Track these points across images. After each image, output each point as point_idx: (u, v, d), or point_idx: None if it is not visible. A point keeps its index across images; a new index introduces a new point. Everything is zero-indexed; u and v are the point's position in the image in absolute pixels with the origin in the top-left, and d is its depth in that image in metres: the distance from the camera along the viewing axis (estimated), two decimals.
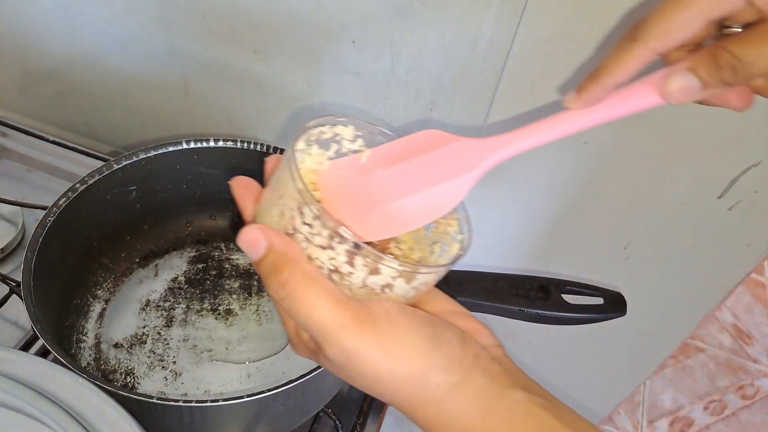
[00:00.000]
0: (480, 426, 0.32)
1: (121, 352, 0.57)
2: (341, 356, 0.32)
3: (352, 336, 0.31)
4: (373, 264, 0.32)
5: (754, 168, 0.50)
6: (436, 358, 0.32)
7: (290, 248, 0.33)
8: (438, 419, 0.33)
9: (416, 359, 0.32)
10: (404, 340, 0.32)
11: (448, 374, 0.32)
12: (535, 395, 0.33)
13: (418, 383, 0.32)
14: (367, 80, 0.58)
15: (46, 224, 0.51)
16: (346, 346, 0.31)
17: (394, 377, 0.32)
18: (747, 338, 1.65)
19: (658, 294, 0.63)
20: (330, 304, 0.31)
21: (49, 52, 0.71)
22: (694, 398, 1.52)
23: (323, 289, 0.32)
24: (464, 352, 0.33)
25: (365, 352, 0.31)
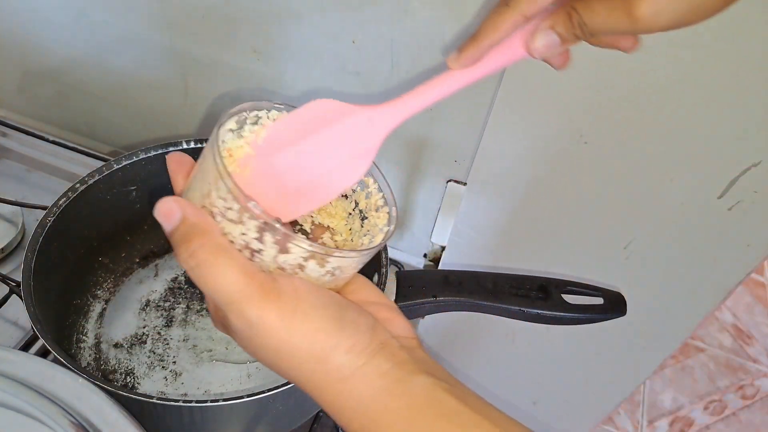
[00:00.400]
0: (380, 408, 0.32)
1: (121, 352, 0.57)
2: (245, 326, 0.32)
3: (255, 306, 0.32)
4: (282, 242, 0.33)
5: (754, 168, 0.50)
6: (340, 339, 0.33)
7: (203, 220, 0.33)
8: (339, 401, 0.33)
9: (319, 337, 0.32)
10: (308, 315, 0.32)
11: (351, 356, 0.33)
12: (441, 381, 0.33)
13: (320, 362, 0.32)
14: (367, 80, 0.58)
15: (46, 224, 0.51)
16: (248, 315, 0.32)
17: (294, 352, 0.32)
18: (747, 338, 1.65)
19: (658, 294, 0.64)
20: (236, 275, 0.32)
21: (49, 52, 0.71)
22: (694, 398, 1.52)
23: (232, 260, 0.32)
24: (371, 338, 0.34)
25: (267, 322, 0.32)
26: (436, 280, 0.55)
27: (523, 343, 0.77)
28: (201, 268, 0.32)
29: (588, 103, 0.51)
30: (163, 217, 0.34)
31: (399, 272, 0.56)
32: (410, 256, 0.72)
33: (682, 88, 0.48)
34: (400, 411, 0.32)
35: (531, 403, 0.86)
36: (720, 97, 0.47)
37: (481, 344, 0.81)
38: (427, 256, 0.72)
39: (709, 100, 0.48)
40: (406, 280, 0.55)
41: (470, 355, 0.84)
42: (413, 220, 0.69)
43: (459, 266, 0.71)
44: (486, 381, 0.86)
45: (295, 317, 0.32)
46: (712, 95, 0.48)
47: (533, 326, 0.56)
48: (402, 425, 0.32)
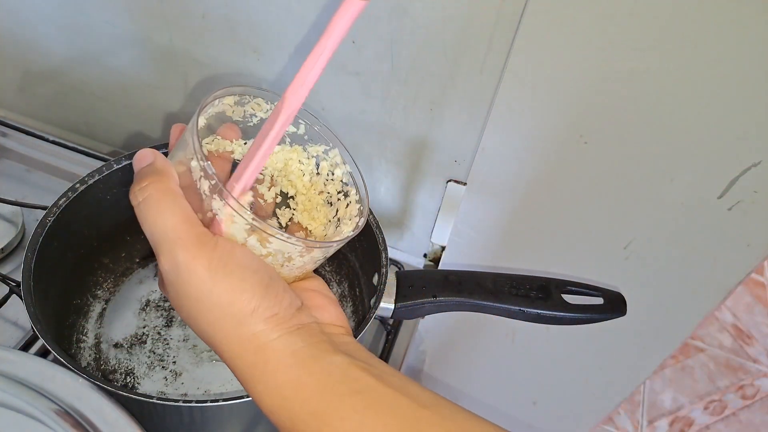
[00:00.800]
0: (292, 385, 0.32)
1: (121, 352, 0.57)
2: (172, 269, 0.33)
3: (187, 250, 0.32)
4: (230, 210, 0.34)
5: (754, 168, 0.50)
6: (261, 305, 0.33)
7: (166, 167, 0.35)
8: (252, 373, 0.33)
9: (242, 296, 0.33)
10: (235, 273, 0.33)
11: (267, 326, 0.33)
12: (359, 360, 0.33)
13: (237, 322, 0.33)
14: (367, 80, 0.58)
15: (46, 224, 0.51)
16: (178, 258, 0.32)
17: (213, 307, 0.33)
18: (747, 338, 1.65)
19: (658, 294, 0.63)
20: (178, 218, 0.33)
21: (49, 52, 0.71)
22: (694, 398, 1.52)
23: (177, 204, 0.34)
24: (291, 316, 0.34)
25: (194, 269, 0.32)
26: (436, 280, 0.55)
27: (523, 343, 0.77)
28: (146, 202, 0.34)
29: (588, 103, 0.51)
30: (136, 161, 0.36)
31: (399, 272, 0.56)
32: (410, 256, 0.72)
33: (682, 88, 0.48)
34: (312, 386, 0.32)
35: (531, 403, 0.86)
36: (720, 97, 0.47)
37: (481, 344, 0.81)
38: (427, 256, 0.72)
39: (709, 100, 0.48)
40: (406, 280, 0.55)
41: (470, 355, 0.84)
42: (413, 220, 0.69)
43: (459, 266, 0.71)
44: (486, 381, 0.86)
45: (222, 271, 0.33)
46: (712, 95, 0.47)
47: (533, 326, 0.56)
48: (314, 402, 0.31)
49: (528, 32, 0.49)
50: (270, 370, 0.32)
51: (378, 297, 0.52)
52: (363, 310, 0.59)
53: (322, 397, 0.31)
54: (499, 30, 0.50)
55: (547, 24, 0.48)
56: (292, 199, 0.45)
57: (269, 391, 0.32)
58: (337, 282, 0.65)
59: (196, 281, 0.32)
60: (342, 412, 0.31)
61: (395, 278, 0.55)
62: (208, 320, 0.33)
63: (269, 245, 0.35)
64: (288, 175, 0.45)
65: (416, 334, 0.79)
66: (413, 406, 0.31)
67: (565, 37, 0.48)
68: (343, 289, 0.65)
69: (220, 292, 0.32)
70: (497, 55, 0.51)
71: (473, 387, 0.87)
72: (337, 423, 0.31)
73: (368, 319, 0.49)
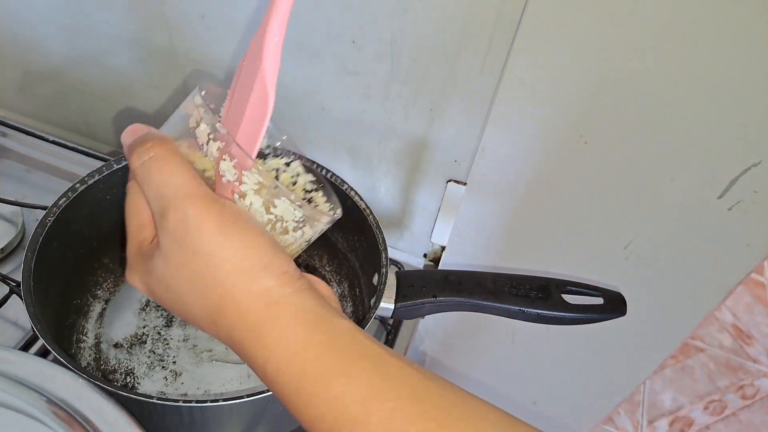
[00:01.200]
0: (303, 341, 0.31)
1: (121, 352, 0.57)
2: (181, 225, 0.32)
3: (197, 206, 0.32)
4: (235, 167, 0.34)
5: (754, 168, 0.50)
6: (274, 261, 0.33)
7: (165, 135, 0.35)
8: (262, 329, 0.32)
9: (254, 251, 0.32)
10: (246, 231, 0.33)
11: (279, 281, 0.32)
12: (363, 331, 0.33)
13: (249, 277, 0.32)
14: (367, 80, 0.58)
15: (46, 224, 0.51)
16: (188, 213, 0.32)
17: (223, 263, 0.32)
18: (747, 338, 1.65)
19: (658, 294, 0.63)
20: (187, 173, 0.33)
21: (49, 52, 0.71)
22: (694, 398, 1.52)
23: (184, 164, 0.33)
24: (299, 276, 0.34)
25: (205, 223, 0.32)
26: (436, 280, 0.55)
27: (523, 343, 0.77)
28: (153, 161, 0.33)
29: (588, 103, 0.51)
30: (127, 134, 0.36)
31: (399, 272, 0.56)
32: (410, 256, 0.72)
33: (682, 88, 0.48)
34: (323, 346, 0.31)
35: (531, 403, 0.86)
36: (720, 97, 0.47)
37: (481, 344, 0.81)
38: (427, 256, 0.72)
39: (709, 100, 0.48)
40: (406, 280, 0.55)
41: (470, 355, 0.84)
42: (413, 220, 0.69)
43: (459, 266, 0.71)
44: (486, 381, 0.86)
45: (234, 226, 0.32)
46: (711, 95, 0.48)
47: (533, 326, 0.56)
48: (326, 359, 0.31)
49: (528, 32, 0.49)
50: (281, 324, 0.32)
51: (378, 297, 0.52)
52: (363, 310, 0.59)
53: (333, 355, 0.31)
54: (499, 30, 0.50)
55: (547, 24, 0.48)
56: None
57: (279, 346, 0.32)
58: (337, 282, 0.65)
59: (207, 235, 0.32)
60: (352, 372, 0.31)
61: (395, 278, 0.55)
62: (217, 276, 0.32)
63: (274, 209, 0.35)
64: None
65: (416, 334, 0.79)
66: (420, 376, 0.31)
67: (565, 37, 0.48)
68: (343, 289, 0.65)
69: (232, 246, 0.32)
70: (497, 55, 0.51)
71: (473, 387, 0.87)
72: (346, 382, 0.30)
73: (368, 319, 0.49)
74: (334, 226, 0.65)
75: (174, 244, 0.33)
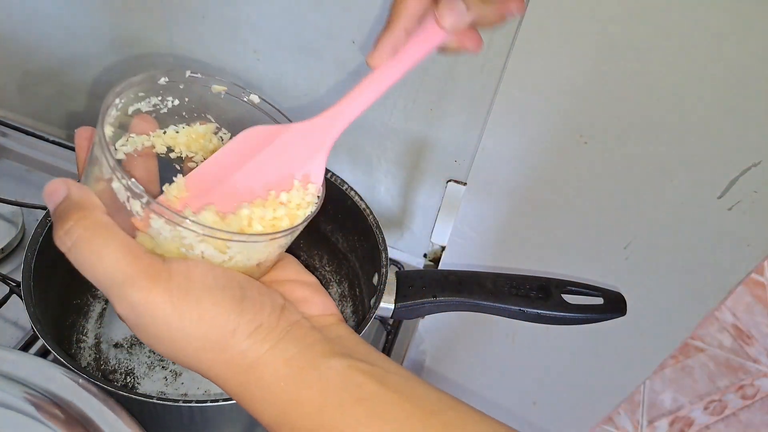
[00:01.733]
0: (289, 397, 0.30)
1: (121, 352, 0.57)
2: (131, 313, 0.29)
3: (140, 288, 0.28)
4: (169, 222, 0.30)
5: (754, 168, 0.50)
6: (240, 322, 0.30)
7: (86, 197, 0.30)
8: (247, 390, 0.30)
9: (216, 321, 0.29)
10: (202, 299, 0.29)
11: (253, 341, 0.30)
12: (359, 361, 0.31)
13: (220, 348, 0.30)
14: None
15: (46, 224, 0.51)
16: (133, 299, 0.28)
17: (190, 340, 0.29)
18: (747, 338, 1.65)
19: (658, 294, 0.63)
20: (119, 254, 0.28)
21: (49, 52, 0.71)
22: (694, 398, 1.52)
23: (114, 239, 0.29)
24: (278, 321, 0.31)
25: (155, 307, 0.28)
26: (436, 280, 0.55)
27: (523, 343, 0.77)
28: (78, 246, 0.29)
29: (588, 103, 0.51)
30: (48, 197, 0.31)
31: (399, 272, 0.56)
32: (410, 256, 0.72)
33: (681, 88, 0.48)
34: (312, 400, 0.29)
35: (531, 403, 0.86)
36: (720, 97, 0.47)
37: (481, 344, 0.81)
38: (427, 256, 0.72)
39: (709, 100, 0.48)
40: (406, 280, 0.55)
41: (470, 355, 0.84)
42: (413, 220, 0.69)
43: (459, 266, 0.71)
44: (486, 381, 0.86)
45: (186, 300, 0.29)
46: (712, 95, 0.47)
47: (533, 326, 0.56)
48: (315, 416, 0.29)
49: (528, 32, 0.49)
50: (265, 386, 0.30)
51: (378, 297, 0.52)
52: (363, 310, 0.59)
53: (323, 410, 0.29)
54: (499, 30, 0.50)
55: (548, 24, 0.48)
56: None
57: (267, 407, 0.30)
58: (337, 282, 0.65)
59: (161, 319, 0.29)
60: (345, 425, 0.29)
61: (395, 278, 0.55)
62: (187, 354, 0.30)
63: (230, 250, 0.31)
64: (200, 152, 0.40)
65: (416, 334, 0.79)
66: (420, 413, 0.29)
67: (565, 37, 0.48)
68: (343, 289, 0.65)
69: (190, 325, 0.29)
70: (497, 55, 0.51)
71: (473, 387, 0.87)
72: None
73: (368, 319, 0.49)
74: (334, 226, 0.65)
75: (134, 328, 0.31)
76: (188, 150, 0.40)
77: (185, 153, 0.40)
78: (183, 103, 0.39)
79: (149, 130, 0.38)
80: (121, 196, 0.31)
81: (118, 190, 0.30)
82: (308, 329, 0.32)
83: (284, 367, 0.30)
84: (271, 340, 0.30)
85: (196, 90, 0.39)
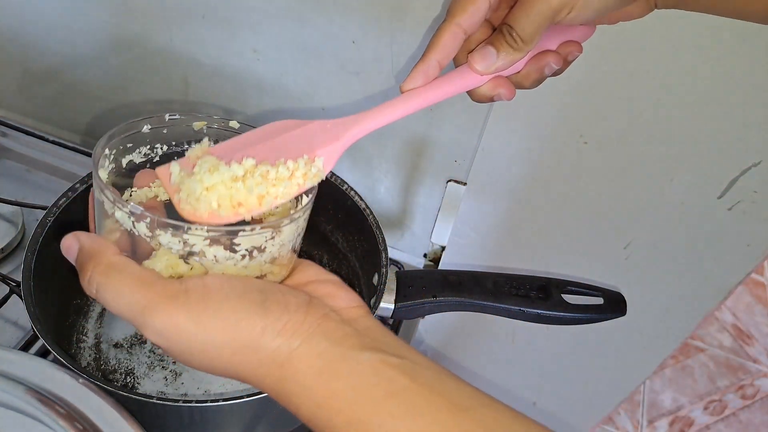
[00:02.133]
0: (324, 391, 0.30)
1: (121, 352, 0.57)
2: (159, 338, 0.31)
3: (161, 314, 0.30)
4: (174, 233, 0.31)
5: (754, 168, 0.50)
6: (267, 322, 0.31)
7: (95, 244, 0.33)
8: (283, 387, 0.31)
9: (241, 326, 0.30)
10: (221, 308, 0.31)
11: (284, 339, 0.31)
12: (389, 355, 0.31)
13: (251, 351, 0.31)
14: (367, 80, 0.58)
15: (46, 224, 0.51)
16: (157, 326, 0.30)
17: (220, 350, 0.31)
18: (747, 338, 1.65)
19: (658, 294, 0.64)
20: (134, 287, 0.31)
21: (49, 52, 0.71)
22: (694, 398, 1.52)
23: (124, 275, 0.31)
24: (305, 316, 0.32)
25: (178, 327, 0.30)
26: (436, 280, 0.55)
27: (524, 343, 0.77)
28: (100, 291, 0.31)
29: (588, 103, 0.51)
30: (66, 252, 0.34)
31: (399, 272, 0.56)
32: (410, 256, 0.72)
33: (681, 89, 0.48)
34: (345, 392, 0.30)
35: (531, 403, 0.86)
36: (720, 97, 0.47)
37: (481, 344, 0.81)
38: (427, 256, 0.72)
39: (709, 100, 0.48)
40: (406, 280, 0.55)
41: (470, 355, 0.84)
42: (413, 220, 0.69)
43: (459, 266, 0.71)
44: (486, 381, 0.86)
45: (207, 313, 0.30)
46: (712, 95, 0.48)
47: (533, 326, 0.56)
48: (349, 408, 0.30)
49: None
50: (301, 380, 0.31)
51: (378, 297, 0.52)
52: None
53: (356, 403, 0.30)
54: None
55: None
56: None
57: (304, 401, 0.31)
58: None
59: (187, 336, 0.30)
60: (378, 418, 0.29)
61: (395, 278, 0.54)
62: (222, 362, 0.31)
63: (239, 247, 0.32)
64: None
65: (416, 334, 0.79)
66: (452, 408, 0.30)
67: None
68: None
69: (216, 336, 0.30)
70: None
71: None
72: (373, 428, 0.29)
73: None
74: (334, 226, 0.65)
75: (167, 352, 0.32)
76: None
77: None
78: (171, 147, 0.40)
79: (149, 181, 0.39)
80: (128, 225, 0.32)
81: (123, 219, 0.32)
82: (338, 322, 0.33)
83: (317, 360, 0.31)
84: (302, 335, 0.31)
85: (179, 130, 0.40)
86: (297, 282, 0.37)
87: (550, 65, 0.38)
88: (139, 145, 0.39)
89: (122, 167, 0.39)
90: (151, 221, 0.31)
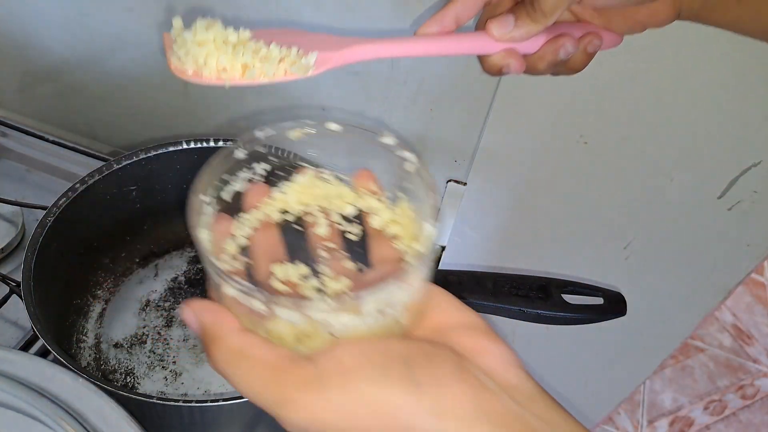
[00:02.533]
0: None
1: (121, 352, 0.57)
2: (299, 428, 0.27)
3: (299, 408, 0.26)
4: (296, 309, 0.28)
5: (754, 168, 0.50)
6: (419, 403, 0.26)
7: (217, 320, 0.29)
8: None
9: (390, 410, 0.26)
10: (364, 390, 0.26)
11: (436, 420, 0.26)
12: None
13: (403, 429, 0.26)
14: (367, 80, 0.58)
15: (46, 224, 0.51)
16: (294, 422, 0.27)
17: (366, 420, 0.26)
18: (747, 338, 1.65)
19: (658, 294, 0.64)
20: (265, 379, 0.27)
21: (49, 52, 0.71)
22: (694, 398, 1.52)
23: (253, 363, 0.28)
24: (462, 392, 0.27)
25: (320, 422, 0.26)
26: (436, 280, 0.54)
27: (523, 343, 0.77)
28: (229, 378, 0.28)
29: (588, 103, 0.51)
30: (189, 325, 0.30)
31: None
32: None
33: (682, 89, 0.48)
34: None
35: None
36: (720, 96, 0.47)
37: None
38: None
39: (710, 100, 0.48)
40: None
41: None
42: None
43: (459, 266, 0.71)
44: None
45: (349, 398, 0.26)
46: (712, 95, 0.48)
47: (533, 326, 0.56)
48: None
49: None
50: None
51: None
52: None
53: None
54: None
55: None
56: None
57: None
58: None
59: (333, 426, 0.26)
60: None
61: None
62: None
63: (367, 308, 0.28)
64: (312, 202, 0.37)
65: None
66: None
67: None
68: None
69: (365, 417, 0.26)
70: None
71: None
72: None
73: None
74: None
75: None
76: (301, 205, 0.37)
77: (299, 209, 0.37)
78: (273, 164, 0.36)
79: (257, 201, 0.35)
80: (242, 299, 0.28)
81: (235, 294, 0.28)
82: (496, 399, 0.27)
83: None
84: (457, 415, 0.26)
85: (275, 142, 0.35)
86: (435, 325, 0.31)
87: (565, 47, 0.38)
88: (236, 171, 0.34)
89: (227, 201, 0.34)
90: (266, 299, 0.28)
